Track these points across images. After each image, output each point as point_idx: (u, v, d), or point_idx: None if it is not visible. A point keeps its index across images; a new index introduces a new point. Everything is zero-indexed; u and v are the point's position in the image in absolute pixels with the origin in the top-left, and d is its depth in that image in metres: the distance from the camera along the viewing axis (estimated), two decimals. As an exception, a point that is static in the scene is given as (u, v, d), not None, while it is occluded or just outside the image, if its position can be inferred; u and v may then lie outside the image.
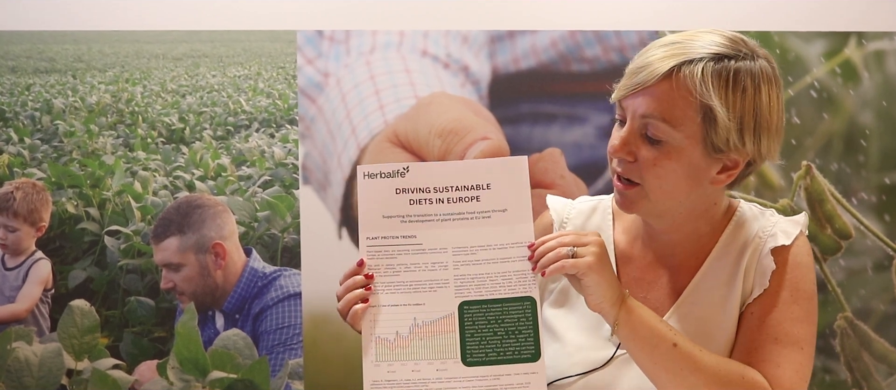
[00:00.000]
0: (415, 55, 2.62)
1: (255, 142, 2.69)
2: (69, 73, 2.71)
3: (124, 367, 2.62)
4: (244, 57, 2.72)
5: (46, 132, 2.67)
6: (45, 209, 2.62)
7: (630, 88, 1.35)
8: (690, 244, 1.45)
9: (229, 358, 2.58)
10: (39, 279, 2.61)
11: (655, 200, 1.38)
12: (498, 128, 2.60)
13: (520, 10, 2.63)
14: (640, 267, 1.49)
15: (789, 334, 1.37)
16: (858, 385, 2.70)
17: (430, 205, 1.42)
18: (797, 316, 1.38)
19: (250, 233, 2.65)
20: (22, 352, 2.57)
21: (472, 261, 1.40)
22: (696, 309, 1.43)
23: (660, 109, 1.33)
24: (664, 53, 1.34)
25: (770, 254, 1.40)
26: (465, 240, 1.40)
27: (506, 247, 1.39)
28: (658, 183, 1.36)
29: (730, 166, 1.37)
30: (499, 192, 1.41)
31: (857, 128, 2.67)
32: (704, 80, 1.32)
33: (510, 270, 1.38)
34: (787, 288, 1.39)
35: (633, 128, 1.35)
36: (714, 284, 1.43)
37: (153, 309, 2.63)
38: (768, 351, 1.37)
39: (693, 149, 1.34)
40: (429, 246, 1.41)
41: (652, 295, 1.46)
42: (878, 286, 2.70)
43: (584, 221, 1.55)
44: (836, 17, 2.65)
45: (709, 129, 1.33)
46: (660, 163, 1.34)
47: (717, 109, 1.31)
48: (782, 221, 1.44)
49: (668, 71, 1.32)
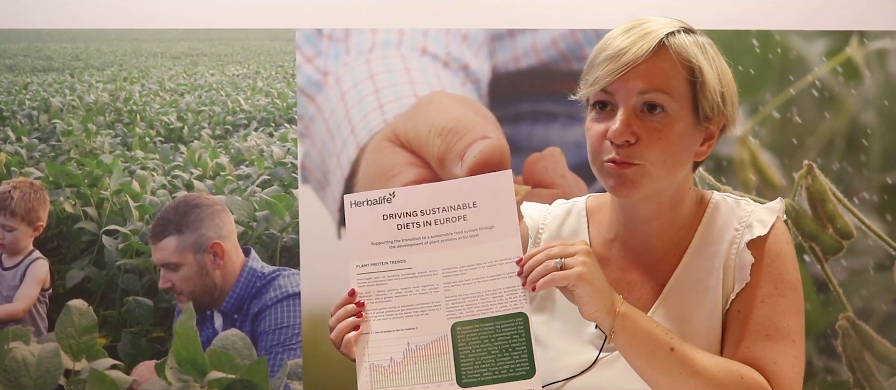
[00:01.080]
0: (414, 54, 2.61)
1: (253, 142, 2.69)
2: (67, 71, 2.70)
3: (122, 367, 2.61)
4: (243, 55, 2.72)
5: (44, 131, 2.66)
6: (42, 208, 2.62)
7: (618, 71, 1.36)
8: (668, 236, 1.45)
9: (228, 359, 2.58)
10: (37, 279, 2.61)
11: (657, 176, 1.37)
12: (498, 127, 2.59)
13: (520, 9, 2.63)
14: (618, 268, 1.48)
15: (780, 329, 1.37)
16: (860, 385, 2.70)
17: (418, 228, 1.42)
18: (785, 308, 1.38)
19: (249, 233, 2.64)
20: (19, 352, 2.57)
21: (462, 281, 1.39)
22: (677, 306, 1.42)
23: (657, 82, 1.35)
24: (640, 33, 1.38)
25: (747, 248, 1.40)
26: (455, 260, 1.40)
27: (495, 265, 1.39)
28: (662, 157, 1.36)
29: (707, 137, 1.42)
30: (485, 209, 1.40)
31: (859, 128, 2.67)
32: (690, 48, 1.37)
33: (501, 287, 1.38)
34: (771, 281, 1.39)
35: (630, 108, 1.36)
36: (693, 280, 1.42)
37: (151, 309, 2.62)
38: (761, 348, 1.36)
39: (687, 118, 1.37)
40: (418, 269, 1.41)
41: (633, 295, 1.45)
42: (880, 286, 2.70)
43: (560, 225, 1.55)
44: (838, 17, 2.64)
45: (699, 95, 1.37)
46: (663, 134, 1.36)
47: (708, 72, 1.37)
48: (758, 210, 1.44)
49: (657, 44, 1.36)
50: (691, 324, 1.40)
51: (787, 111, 2.64)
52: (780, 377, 1.34)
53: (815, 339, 2.70)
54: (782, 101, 2.64)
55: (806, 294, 2.76)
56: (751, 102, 2.63)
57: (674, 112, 1.36)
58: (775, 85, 2.64)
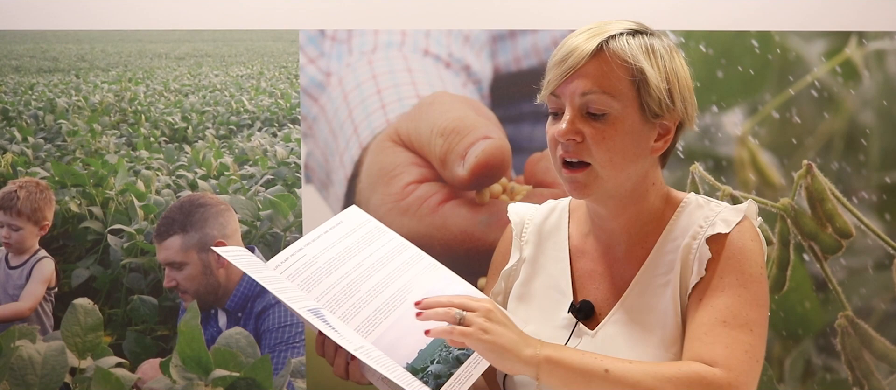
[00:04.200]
0: (417, 54, 2.63)
1: (257, 142, 2.70)
2: (72, 72, 2.71)
3: (127, 366, 2.62)
4: (247, 56, 2.73)
5: (50, 131, 2.67)
6: (48, 208, 2.63)
7: (563, 75, 1.42)
8: (634, 231, 1.49)
9: (232, 357, 2.59)
10: (43, 277, 2.62)
11: (606, 177, 1.42)
12: (499, 128, 2.61)
13: (521, 10, 2.64)
14: (592, 259, 1.52)
15: (737, 316, 1.38)
16: (859, 384, 2.71)
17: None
18: (745, 299, 1.39)
19: (253, 232, 2.65)
20: (25, 351, 2.58)
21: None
22: (641, 300, 1.45)
23: (597, 83, 1.40)
24: (587, 36, 1.43)
25: (706, 243, 1.42)
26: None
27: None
28: (608, 156, 1.41)
29: (663, 133, 1.45)
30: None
31: (858, 128, 2.67)
32: (631, 49, 1.41)
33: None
34: (732, 273, 1.41)
35: (575, 109, 1.41)
36: (657, 274, 1.45)
37: (156, 308, 2.64)
38: (716, 333, 1.37)
39: (632, 116, 1.41)
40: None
41: (603, 286, 1.50)
42: (879, 285, 2.70)
43: (543, 221, 1.61)
44: (837, 17, 2.65)
45: (643, 94, 1.41)
46: (607, 134, 1.40)
47: (648, 72, 1.40)
48: (725, 210, 1.46)
49: (597, 47, 1.41)
50: (652, 317, 1.43)
51: (786, 111, 2.65)
52: (730, 360, 1.34)
53: (815, 338, 2.71)
54: (782, 102, 2.65)
55: (805, 292, 2.79)
56: (750, 103, 2.65)
57: (617, 111, 1.40)
58: (775, 85, 2.65)
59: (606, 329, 1.46)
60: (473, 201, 2.61)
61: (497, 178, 2.61)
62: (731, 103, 2.64)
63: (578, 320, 1.48)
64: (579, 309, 1.48)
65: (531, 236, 1.60)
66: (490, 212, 2.60)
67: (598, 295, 1.49)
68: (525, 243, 1.60)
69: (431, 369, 1.35)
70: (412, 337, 1.37)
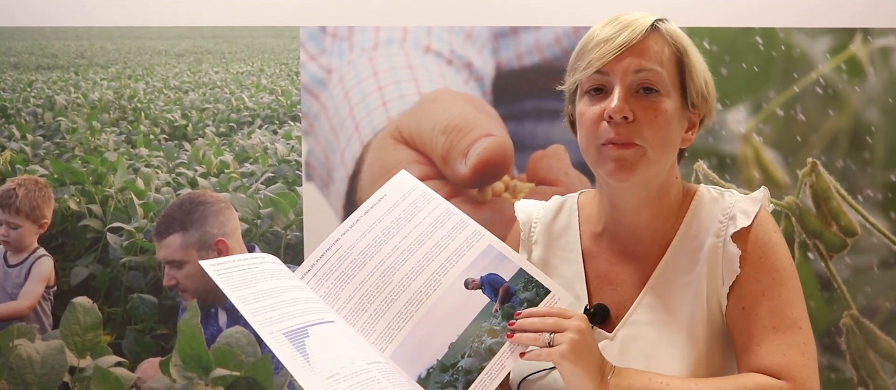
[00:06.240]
0: (418, 51, 2.61)
1: (257, 139, 2.69)
2: (71, 69, 2.70)
3: (127, 365, 2.62)
4: (247, 53, 2.72)
5: (49, 129, 2.66)
6: (47, 206, 2.62)
7: (613, 52, 1.38)
8: (655, 227, 1.46)
9: (232, 356, 2.58)
10: (42, 276, 2.61)
11: (653, 159, 1.39)
12: (502, 125, 2.59)
13: (523, 7, 2.63)
14: (606, 261, 1.49)
15: (784, 318, 1.37)
16: (864, 383, 2.69)
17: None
18: (786, 298, 1.38)
19: (253, 230, 2.64)
20: (24, 350, 2.57)
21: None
22: (662, 301, 1.43)
23: (653, 59, 1.39)
24: (626, 21, 1.40)
25: (732, 240, 1.41)
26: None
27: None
28: (659, 135, 1.38)
29: (691, 126, 1.45)
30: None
31: (863, 125, 2.66)
32: (679, 33, 1.42)
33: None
34: (767, 272, 1.39)
35: (627, 86, 1.38)
36: (678, 271, 1.43)
37: (156, 307, 2.63)
38: (769, 342, 1.36)
39: (677, 100, 1.41)
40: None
41: (620, 288, 1.46)
42: (884, 283, 2.69)
43: (552, 220, 1.57)
44: (842, 14, 2.64)
45: (687, 79, 1.41)
46: (658, 113, 1.38)
47: (694, 58, 1.41)
48: (741, 201, 1.45)
49: (651, 26, 1.40)
50: (675, 318, 1.41)
51: (790, 108, 2.64)
52: (792, 367, 1.34)
53: (819, 337, 2.70)
54: (786, 99, 2.64)
55: (809, 291, 2.77)
56: (754, 100, 2.63)
57: (668, 90, 1.39)
58: (779, 82, 2.63)
59: (626, 331, 1.43)
60: (475, 199, 2.60)
61: (499, 176, 2.59)
62: (736, 100, 2.62)
63: (594, 324, 1.44)
64: (594, 313, 1.45)
65: (540, 236, 1.57)
66: (492, 211, 2.59)
67: (614, 296, 1.45)
68: (534, 243, 1.57)
69: (462, 364, 1.33)
70: (442, 329, 1.36)
